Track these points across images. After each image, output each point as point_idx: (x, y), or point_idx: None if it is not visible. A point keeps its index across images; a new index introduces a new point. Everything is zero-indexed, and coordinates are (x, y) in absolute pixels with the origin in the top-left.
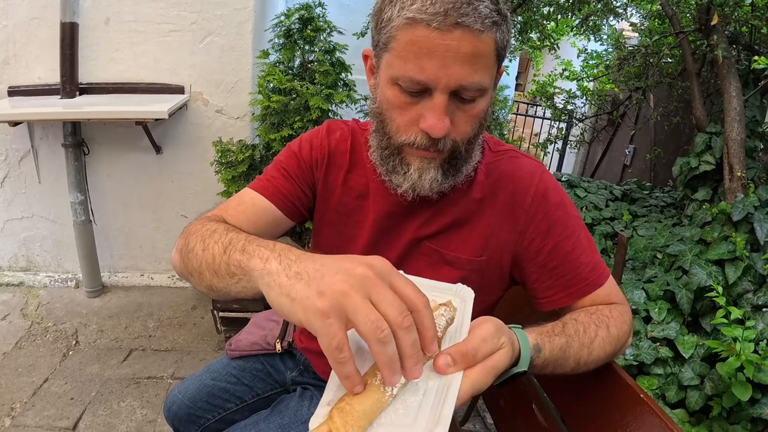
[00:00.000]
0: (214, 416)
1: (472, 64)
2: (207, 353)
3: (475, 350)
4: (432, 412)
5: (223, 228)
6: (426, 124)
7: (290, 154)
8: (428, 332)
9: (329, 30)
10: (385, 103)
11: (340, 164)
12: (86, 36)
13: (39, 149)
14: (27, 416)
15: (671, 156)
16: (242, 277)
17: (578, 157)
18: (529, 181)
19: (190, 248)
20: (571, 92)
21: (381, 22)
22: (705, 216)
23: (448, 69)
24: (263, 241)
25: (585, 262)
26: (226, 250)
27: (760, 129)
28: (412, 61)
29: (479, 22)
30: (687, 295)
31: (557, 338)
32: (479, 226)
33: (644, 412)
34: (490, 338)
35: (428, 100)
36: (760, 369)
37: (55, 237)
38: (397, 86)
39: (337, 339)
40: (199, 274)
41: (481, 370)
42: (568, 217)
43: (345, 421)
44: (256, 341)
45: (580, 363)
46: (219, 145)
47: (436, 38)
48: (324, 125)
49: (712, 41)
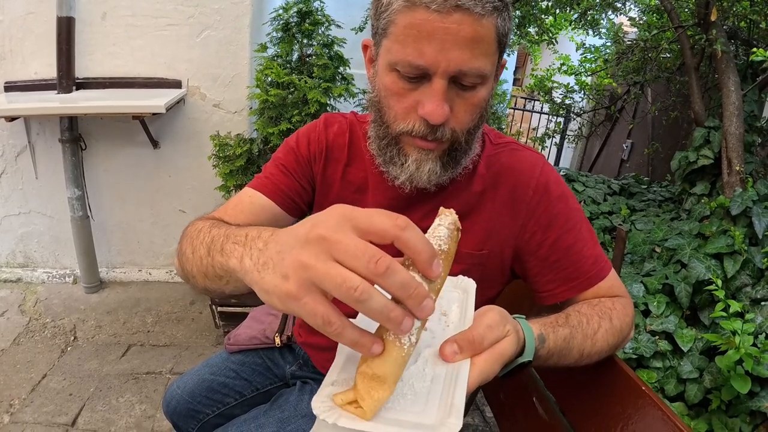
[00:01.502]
0: (214, 411)
1: (472, 49)
2: (206, 348)
3: (482, 337)
4: (441, 400)
5: (208, 225)
6: (424, 110)
7: (288, 149)
8: (421, 255)
9: (327, 24)
10: (383, 91)
11: (338, 158)
12: (83, 30)
13: (36, 145)
14: (26, 412)
15: (669, 151)
16: (229, 279)
17: (576, 152)
18: (530, 173)
19: (182, 252)
20: (569, 87)
21: (380, 7)
22: (703, 210)
23: (448, 53)
24: (239, 231)
25: (587, 255)
26: (210, 251)
27: (759, 123)
28: (411, 44)
29: (480, 6)
30: (686, 288)
31: (561, 329)
32: (480, 220)
33: (645, 405)
34: (496, 326)
35: (427, 86)
36: (759, 362)
37: (52, 233)
38: (396, 72)
39: (320, 314)
40: (193, 278)
41: (489, 358)
42: (570, 210)
43: (368, 386)
44: (254, 335)
45: (584, 354)
46: (217, 139)
47: (435, 21)
48: (321, 119)
49: (710, 36)
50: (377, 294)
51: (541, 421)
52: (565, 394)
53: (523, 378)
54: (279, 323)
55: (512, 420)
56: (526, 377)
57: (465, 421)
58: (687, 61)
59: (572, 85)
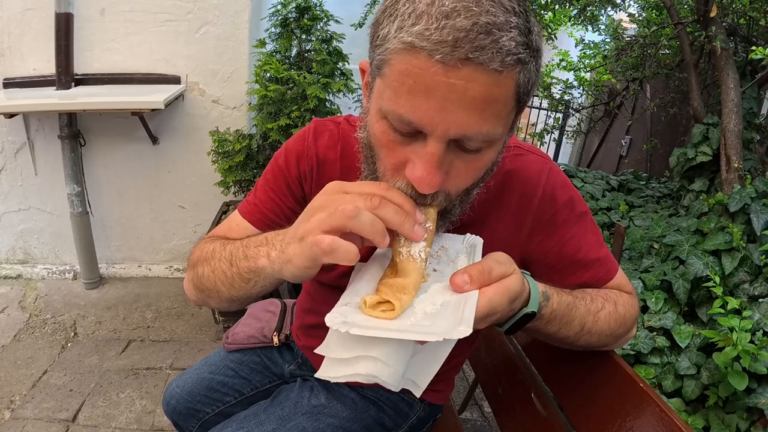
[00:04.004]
0: (213, 410)
1: (481, 111)
2: (205, 343)
3: (490, 269)
4: (452, 316)
5: (219, 245)
6: (413, 174)
7: (277, 171)
8: (404, 206)
9: (326, 19)
10: (372, 138)
11: (330, 175)
12: (81, 26)
13: (35, 141)
14: (26, 408)
15: (667, 147)
16: (258, 279)
17: (574, 148)
18: (536, 182)
19: (200, 275)
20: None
21: (377, 38)
22: (702, 207)
23: (449, 114)
24: (256, 237)
25: (593, 258)
26: (232, 263)
27: (757, 121)
28: (405, 96)
29: (498, 60)
30: (684, 285)
31: (565, 296)
32: (484, 229)
33: (643, 401)
34: (504, 261)
35: (421, 144)
36: (756, 359)
37: (52, 229)
38: (386, 121)
39: (333, 224)
40: (216, 293)
41: (496, 289)
42: (576, 216)
43: (394, 291)
44: (253, 334)
45: (584, 329)
46: (216, 135)
47: (437, 74)
48: (311, 127)
49: (710, 33)
50: (367, 211)
51: (539, 417)
52: (563, 390)
53: (521, 373)
54: (277, 322)
55: (510, 415)
56: (524, 373)
57: (464, 416)
58: (686, 57)
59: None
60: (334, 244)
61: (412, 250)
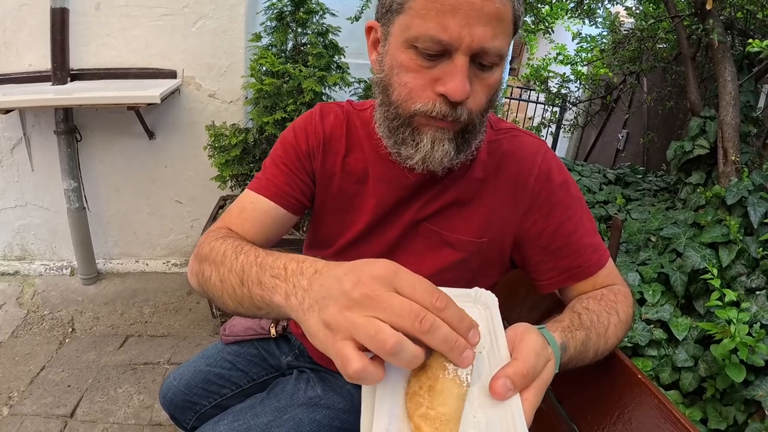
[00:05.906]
0: (210, 402)
1: (494, 27)
2: (203, 338)
3: (534, 369)
4: None
5: (230, 250)
6: (446, 87)
7: (287, 145)
8: (461, 324)
9: (322, 12)
10: (396, 68)
11: (336, 149)
12: (77, 21)
13: (31, 137)
14: (25, 405)
15: (664, 140)
16: (270, 311)
17: (571, 141)
18: (532, 161)
19: (206, 277)
20: (565, 76)
21: None
22: (699, 200)
23: (472, 28)
24: (274, 262)
25: (587, 243)
26: (243, 281)
27: (754, 114)
28: (434, 18)
29: None
30: (681, 277)
31: (578, 332)
32: (481, 207)
33: (642, 393)
34: (541, 351)
35: (447, 63)
36: (754, 351)
37: (49, 225)
38: (413, 49)
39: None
40: (222, 303)
41: (536, 390)
42: (571, 198)
43: (435, 428)
44: (250, 326)
45: (598, 353)
46: (212, 129)
47: None
48: (316, 109)
49: (707, 26)
50: (438, 330)
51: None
52: (562, 383)
53: None
54: None
55: None
56: None
57: None
58: (683, 51)
59: (568, 75)
60: (397, 347)
61: (459, 370)
